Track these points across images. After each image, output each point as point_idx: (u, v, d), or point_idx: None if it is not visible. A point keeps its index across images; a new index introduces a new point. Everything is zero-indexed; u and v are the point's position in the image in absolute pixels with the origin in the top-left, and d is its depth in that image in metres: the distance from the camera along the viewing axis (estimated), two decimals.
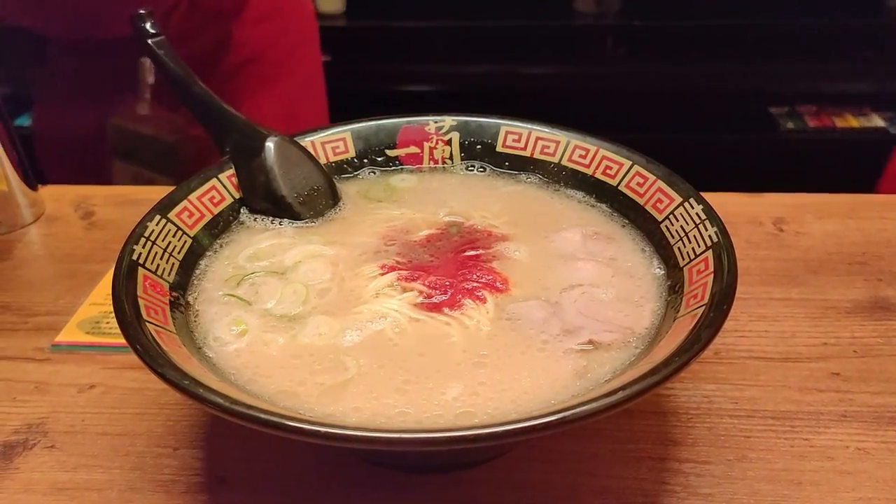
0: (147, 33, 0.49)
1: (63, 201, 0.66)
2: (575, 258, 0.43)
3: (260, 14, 0.93)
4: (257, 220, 0.46)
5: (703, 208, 0.42)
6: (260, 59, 0.93)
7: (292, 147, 0.49)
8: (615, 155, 0.48)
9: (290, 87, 0.98)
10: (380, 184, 0.51)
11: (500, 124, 0.52)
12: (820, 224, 0.60)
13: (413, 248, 0.44)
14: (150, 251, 0.40)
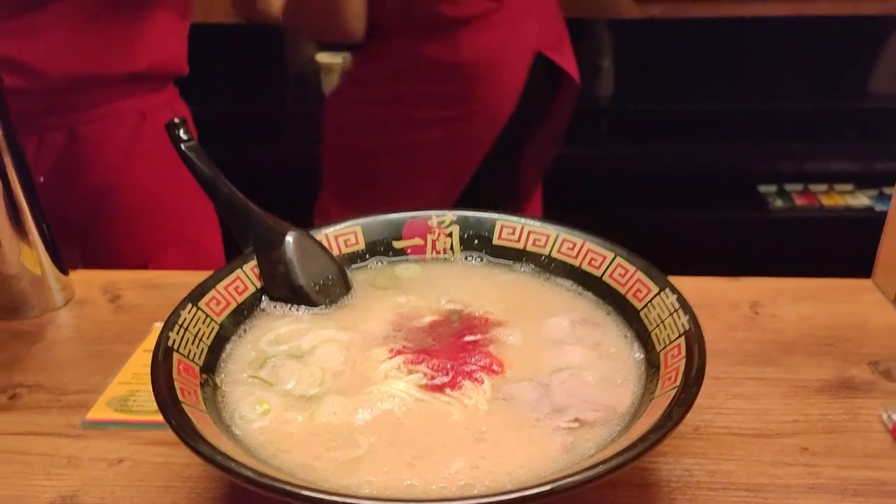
0: (181, 139, 0.55)
1: (92, 285, 0.71)
2: (564, 343, 0.48)
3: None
4: (277, 307, 0.51)
5: (677, 298, 0.47)
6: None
7: (308, 240, 0.54)
8: (599, 248, 0.53)
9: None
10: (386, 273, 0.56)
11: (495, 219, 0.57)
12: (793, 307, 0.65)
13: (418, 334, 0.49)
14: (183, 337, 0.45)
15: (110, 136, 0.86)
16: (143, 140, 0.88)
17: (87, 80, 0.83)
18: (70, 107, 0.82)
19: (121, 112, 0.86)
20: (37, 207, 0.68)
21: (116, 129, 0.86)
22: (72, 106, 0.82)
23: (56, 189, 0.83)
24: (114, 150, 0.86)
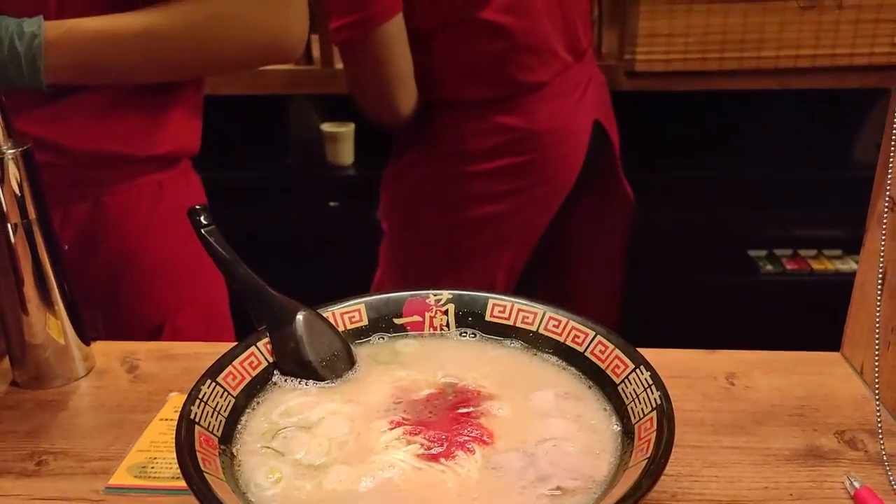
0: (201, 224, 0.61)
1: (111, 356, 0.75)
2: (549, 415, 0.52)
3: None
4: (288, 381, 0.56)
5: (650, 374, 0.51)
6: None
7: (317, 319, 0.59)
8: (582, 326, 0.58)
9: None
10: (387, 348, 0.61)
11: (487, 297, 0.63)
12: (766, 379, 0.70)
13: (416, 406, 0.53)
14: (203, 410, 0.50)
15: (131, 206, 0.91)
16: (160, 208, 0.93)
17: (110, 158, 0.88)
18: (94, 180, 0.88)
19: (141, 184, 0.92)
20: (62, 278, 0.73)
21: (137, 200, 0.91)
22: (96, 179, 0.88)
23: (80, 255, 0.87)
24: (134, 219, 0.92)
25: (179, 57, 0.85)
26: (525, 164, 1.26)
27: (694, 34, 1.83)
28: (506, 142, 1.25)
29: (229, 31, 0.84)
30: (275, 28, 0.86)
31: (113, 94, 0.86)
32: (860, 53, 1.81)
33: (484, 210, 1.28)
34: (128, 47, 0.80)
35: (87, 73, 0.81)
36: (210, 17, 0.83)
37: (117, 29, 0.80)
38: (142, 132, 0.88)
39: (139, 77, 0.86)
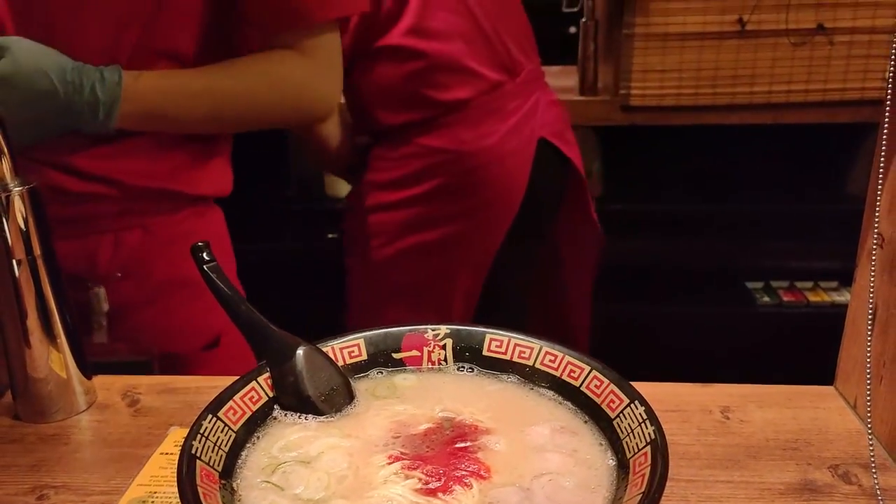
0: (204, 261, 0.62)
1: (112, 390, 0.76)
2: (545, 450, 0.53)
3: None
4: (287, 416, 0.57)
5: (645, 409, 0.52)
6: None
7: (317, 353, 0.60)
8: (577, 360, 0.59)
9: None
10: (386, 383, 0.62)
11: (485, 332, 0.64)
12: (761, 412, 0.70)
13: (414, 441, 0.54)
14: (204, 445, 0.50)
15: (177, 231, 0.94)
16: (200, 231, 0.97)
17: (158, 194, 0.92)
18: (143, 210, 0.91)
19: (184, 213, 0.96)
20: (65, 313, 0.74)
21: (181, 226, 0.95)
22: (145, 209, 0.91)
23: (134, 278, 0.90)
24: (180, 242, 0.94)
25: (234, 114, 0.91)
26: (459, 186, 1.28)
27: (687, 69, 1.87)
28: (433, 164, 1.27)
29: (281, 94, 0.90)
30: (320, 92, 0.92)
31: (164, 138, 0.90)
32: (852, 88, 1.85)
33: (427, 236, 1.30)
34: (191, 102, 0.86)
35: (151, 121, 0.86)
36: (266, 80, 0.89)
37: (184, 85, 0.85)
38: (186, 173, 0.92)
39: (194, 128, 0.91)
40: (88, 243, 0.88)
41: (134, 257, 0.90)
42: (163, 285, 0.93)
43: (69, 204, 0.85)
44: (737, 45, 1.84)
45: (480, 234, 1.32)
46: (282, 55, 0.89)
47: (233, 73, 0.88)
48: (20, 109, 0.76)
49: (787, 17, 1.80)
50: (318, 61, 0.89)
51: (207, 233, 0.97)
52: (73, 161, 0.84)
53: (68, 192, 0.84)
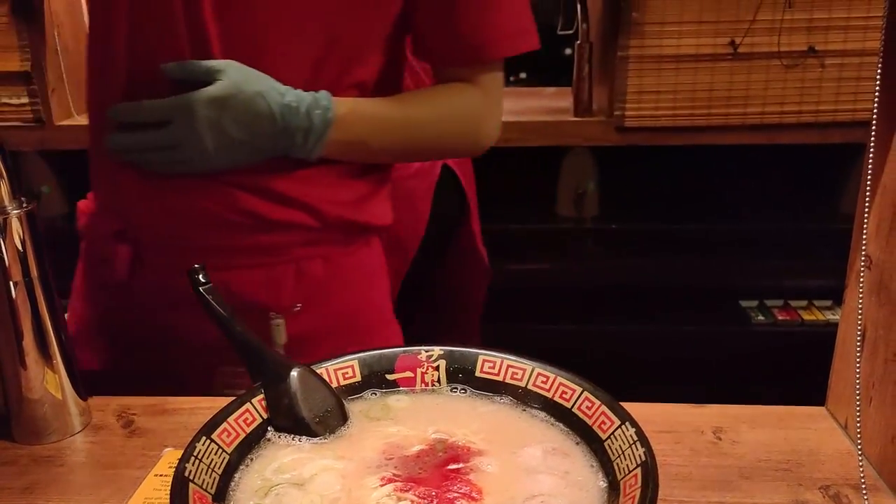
0: (199, 283, 0.63)
1: (107, 411, 0.76)
2: (536, 471, 0.53)
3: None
4: (281, 437, 0.57)
5: (636, 431, 0.53)
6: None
7: (311, 375, 0.60)
8: (569, 381, 0.60)
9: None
10: (379, 404, 0.62)
11: (478, 354, 0.64)
12: (753, 434, 0.71)
13: (407, 462, 0.55)
14: (198, 468, 0.51)
15: (356, 263, 0.94)
16: (374, 264, 0.98)
17: (344, 223, 0.91)
18: (326, 240, 0.90)
19: (361, 243, 0.95)
20: (62, 335, 0.75)
21: (360, 257, 0.94)
22: (327, 239, 0.90)
23: (315, 309, 0.90)
24: (359, 274, 0.95)
25: (422, 144, 0.92)
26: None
27: (682, 91, 1.89)
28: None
29: (463, 126, 0.92)
30: (492, 125, 0.93)
31: (350, 168, 0.89)
32: (843, 110, 1.87)
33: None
34: (389, 131, 0.88)
35: (350, 149, 0.86)
36: (453, 112, 0.91)
37: (383, 114, 0.87)
38: (365, 203, 0.92)
39: (384, 157, 0.93)
40: (274, 273, 0.87)
41: (314, 288, 0.89)
42: (340, 316, 0.93)
43: (262, 231, 0.84)
44: (730, 68, 1.86)
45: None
46: (462, 88, 0.90)
47: (424, 103, 0.90)
48: (235, 131, 0.76)
49: (779, 39, 1.82)
50: (491, 95, 0.91)
51: (375, 263, 0.98)
52: (273, 186, 0.83)
53: (265, 218, 0.84)
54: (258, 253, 0.86)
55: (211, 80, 0.75)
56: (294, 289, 0.88)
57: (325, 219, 0.87)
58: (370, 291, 0.97)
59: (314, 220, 0.87)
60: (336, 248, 0.91)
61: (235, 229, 0.83)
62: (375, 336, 0.97)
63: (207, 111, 0.74)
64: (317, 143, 0.81)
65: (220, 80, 0.75)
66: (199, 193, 0.81)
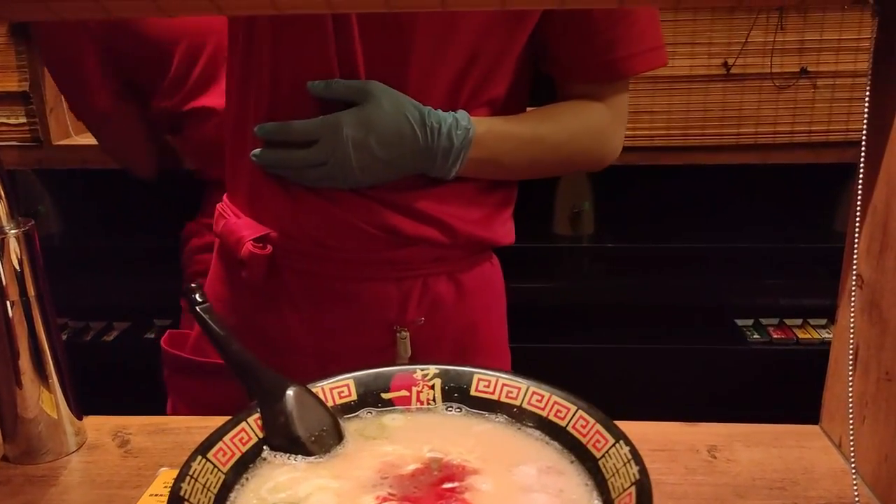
0: (196, 301, 0.63)
1: (103, 430, 0.76)
2: (531, 490, 0.54)
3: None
4: (277, 456, 0.57)
5: (630, 449, 0.53)
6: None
7: (306, 394, 0.61)
8: (563, 400, 0.60)
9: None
10: (375, 423, 0.62)
11: (473, 372, 0.65)
12: (747, 452, 0.71)
13: (402, 482, 0.55)
14: (193, 488, 0.51)
15: (479, 282, 0.95)
16: (495, 286, 0.98)
17: (472, 240, 0.92)
18: (453, 257, 0.91)
19: (485, 262, 0.96)
20: (58, 353, 0.74)
21: (483, 277, 0.95)
22: (454, 256, 0.91)
23: (435, 327, 0.91)
24: (481, 295, 0.96)
25: (552, 160, 0.92)
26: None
27: (676, 111, 1.90)
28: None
29: (591, 143, 0.91)
30: (616, 142, 0.93)
31: (481, 185, 0.90)
32: (836, 130, 1.89)
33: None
34: (521, 149, 0.87)
35: (484, 168, 0.86)
36: (583, 129, 0.90)
37: (518, 132, 0.87)
38: (492, 221, 0.93)
39: (515, 174, 0.93)
40: (402, 287, 0.88)
41: (438, 303, 0.90)
42: (459, 332, 0.94)
43: (396, 246, 0.86)
44: (723, 88, 1.88)
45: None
46: (591, 106, 0.90)
47: (554, 121, 0.89)
48: (379, 151, 0.78)
49: (772, 60, 1.84)
50: (617, 113, 0.91)
51: (496, 280, 0.98)
52: (410, 203, 0.85)
53: (400, 233, 0.85)
54: (390, 267, 0.87)
55: (356, 101, 0.77)
56: (419, 303, 0.89)
57: (455, 235, 0.89)
58: (489, 309, 0.98)
59: (445, 237, 0.88)
60: (461, 265, 0.92)
61: (372, 242, 0.85)
62: (489, 356, 0.97)
63: (354, 131, 0.75)
64: (455, 162, 0.83)
65: (366, 101, 0.76)
66: (341, 207, 0.83)
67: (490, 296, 0.98)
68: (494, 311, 1.00)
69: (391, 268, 0.88)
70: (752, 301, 2.16)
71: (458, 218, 0.89)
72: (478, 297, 0.95)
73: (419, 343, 0.90)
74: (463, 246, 0.91)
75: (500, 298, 1.01)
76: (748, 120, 1.90)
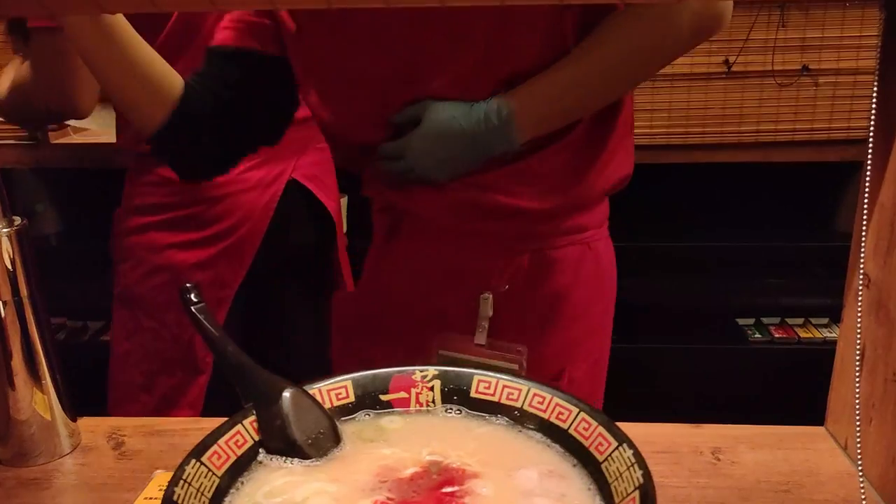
0: (192, 302, 0.62)
1: (97, 432, 0.75)
2: (533, 494, 0.52)
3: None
4: (273, 460, 0.56)
5: (633, 453, 0.52)
6: None
7: (303, 396, 0.60)
8: (565, 402, 0.59)
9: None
10: (373, 425, 0.61)
11: (473, 374, 0.63)
12: (752, 454, 0.70)
13: (401, 485, 0.54)
14: (187, 492, 0.50)
15: (564, 260, 0.96)
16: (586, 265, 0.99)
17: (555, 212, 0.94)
18: (540, 234, 0.94)
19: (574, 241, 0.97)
20: (51, 354, 0.73)
21: (569, 255, 0.97)
22: (541, 234, 0.94)
23: (517, 299, 0.94)
24: (565, 273, 0.97)
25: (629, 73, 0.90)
26: (198, 216, 1.32)
27: (676, 109, 1.89)
28: (171, 193, 1.31)
29: (672, 19, 0.85)
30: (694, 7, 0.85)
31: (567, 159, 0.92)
32: (837, 128, 1.88)
33: (171, 259, 1.33)
34: (578, 86, 0.87)
35: (551, 122, 0.89)
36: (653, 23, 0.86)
37: (568, 76, 0.87)
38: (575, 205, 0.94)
39: (588, 108, 0.91)
40: (489, 257, 0.94)
41: (523, 279, 0.94)
42: (539, 311, 0.97)
43: (492, 219, 0.92)
44: (724, 86, 1.87)
45: (221, 268, 1.35)
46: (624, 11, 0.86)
47: (604, 40, 0.87)
48: (443, 152, 0.88)
49: (773, 58, 1.83)
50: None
51: (596, 265, 0.99)
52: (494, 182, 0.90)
53: (493, 209, 0.91)
54: (490, 237, 0.93)
55: (419, 121, 0.87)
56: (502, 271, 0.94)
57: (535, 214, 0.92)
58: (572, 291, 0.98)
59: (519, 213, 0.92)
60: (550, 244, 0.95)
61: (476, 217, 0.92)
62: (568, 335, 0.99)
63: (421, 144, 0.88)
64: (508, 136, 0.86)
65: (423, 120, 0.87)
66: (448, 188, 0.92)
67: (585, 276, 0.98)
68: (588, 292, 1.00)
69: (489, 238, 0.94)
70: (754, 300, 2.15)
71: (533, 197, 0.91)
72: (566, 275, 0.96)
73: (506, 308, 0.93)
74: (552, 220, 0.93)
75: (598, 280, 1.01)
76: (749, 118, 1.89)
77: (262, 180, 1.35)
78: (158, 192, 1.32)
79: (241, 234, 1.33)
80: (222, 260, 1.33)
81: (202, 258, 1.33)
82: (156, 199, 1.33)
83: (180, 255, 1.33)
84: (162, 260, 1.32)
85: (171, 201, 1.32)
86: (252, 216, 1.34)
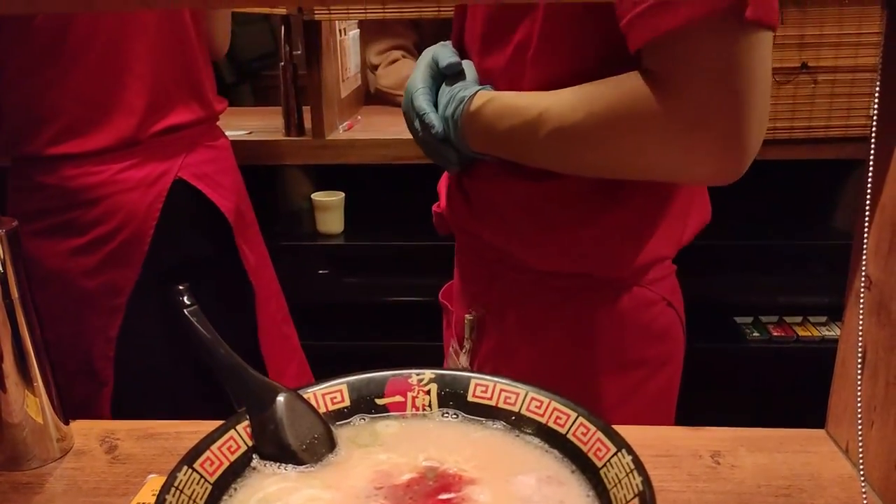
0: (184, 304, 0.61)
1: (90, 436, 0.74)
2: (531, 501, 0.52)
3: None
4: (266, 465, 0.55)
5: (633, 458, 0.51)
6: None
7: (297, 400, 0.59)
8: (563, 406, 0.58)
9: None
10: (368, 430, 0.60)
11: (470, 377, 0.63)
12: (752, 457, 0.69)
13: (396, 492, 0.53)
14: (179, 499, 0.49)
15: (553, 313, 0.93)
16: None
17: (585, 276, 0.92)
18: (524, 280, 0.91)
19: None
20: (43, 357, 0.72)
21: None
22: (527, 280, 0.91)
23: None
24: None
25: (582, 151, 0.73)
26: (76, 220, 1.25)
27: None
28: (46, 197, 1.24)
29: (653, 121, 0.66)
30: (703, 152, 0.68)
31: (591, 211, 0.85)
32: (836, 126, 1.87)
33: (59, 267, 1.26)
34: (524, 126, 0.73)
35: (489, 144, 0.80)
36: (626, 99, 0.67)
37: (521, 105, 0.74)
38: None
39: (538, 162, 0.78)
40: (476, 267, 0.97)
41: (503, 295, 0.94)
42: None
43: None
44: None
45: (110, 273, 1.28)
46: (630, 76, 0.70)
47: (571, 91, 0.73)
48: (423, 134, 0.86)
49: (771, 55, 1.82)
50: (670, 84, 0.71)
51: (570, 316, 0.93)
52: (471, 188, 0.90)
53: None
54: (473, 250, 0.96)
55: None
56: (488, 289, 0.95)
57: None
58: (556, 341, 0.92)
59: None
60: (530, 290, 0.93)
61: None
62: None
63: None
64: (459, 136, 0.82)
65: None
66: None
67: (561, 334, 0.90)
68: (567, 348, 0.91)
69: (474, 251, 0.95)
70: (752, 298, 2.14)
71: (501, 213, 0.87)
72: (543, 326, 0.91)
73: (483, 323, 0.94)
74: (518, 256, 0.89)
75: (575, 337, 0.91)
76: None
77: (143, 180, 1.27)
78: (34, 197, 1.25)
79: (125, 237, 1.26)
80: (109, 266, 1.26)
81: (89, 266, 1.25)
82: (32, 205, 1.25)
83: (67, 262, 1.26)
84: (51, 268, 1.25)
85: (47, 206, 1.24)
86: (135, 218, 1.26)
